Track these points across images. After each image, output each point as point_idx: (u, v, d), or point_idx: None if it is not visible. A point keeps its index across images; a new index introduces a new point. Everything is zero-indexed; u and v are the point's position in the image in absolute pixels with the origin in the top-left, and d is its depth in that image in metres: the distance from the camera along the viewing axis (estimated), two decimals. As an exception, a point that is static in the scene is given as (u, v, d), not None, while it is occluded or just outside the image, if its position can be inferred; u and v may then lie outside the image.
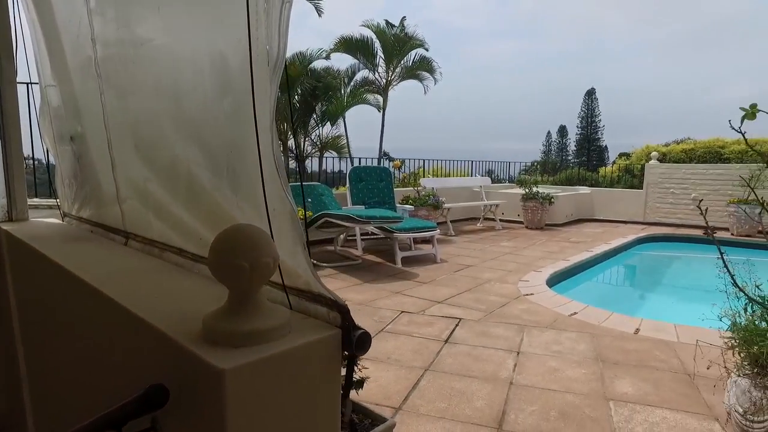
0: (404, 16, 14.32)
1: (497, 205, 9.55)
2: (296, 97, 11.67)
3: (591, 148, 62.53)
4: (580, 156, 62.82)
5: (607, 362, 3.26)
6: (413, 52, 14.42)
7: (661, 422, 2.52)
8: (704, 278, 2.12)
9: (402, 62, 14.45)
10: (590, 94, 63.22)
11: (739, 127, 1.92)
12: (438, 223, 8.71)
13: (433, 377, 2.98)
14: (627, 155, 16.81)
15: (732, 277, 2.06)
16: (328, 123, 12.79)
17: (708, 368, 2.60)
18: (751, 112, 1.92)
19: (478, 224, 9.85)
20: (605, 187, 12.47)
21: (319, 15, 12.24)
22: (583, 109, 63.95)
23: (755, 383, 1.88)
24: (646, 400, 2.76)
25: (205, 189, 1.41)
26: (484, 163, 14.43)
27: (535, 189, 9.44)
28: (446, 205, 8.42)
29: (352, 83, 14.35)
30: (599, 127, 62.91)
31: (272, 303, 1.29)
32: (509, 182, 12.96)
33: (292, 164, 12.32)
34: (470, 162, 13.54)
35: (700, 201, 2.47)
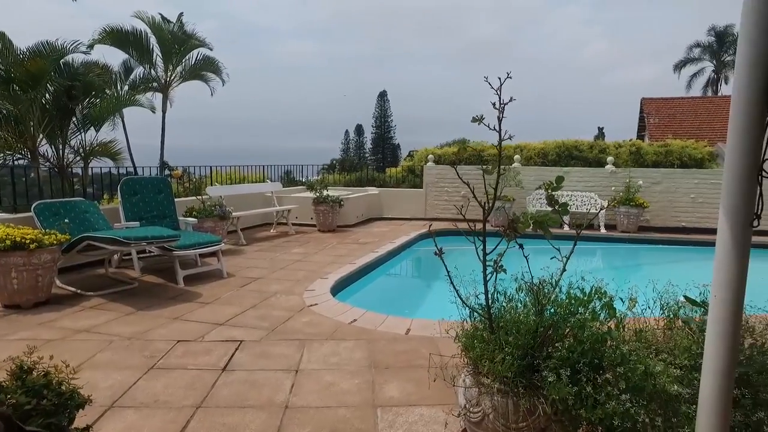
0: (181, 12, 13.06)
1: (289, 211, 9.60)
2: (47, 97, 9.89)
3: (385, 146, 67.35)
4: (376, 153, 67.23)
5: (379, 368, 3.50)
6: (196, 52, 13.52)
7: (419, 420, 2.79)
8: (471, 269, 2.40)
9: (184, 61, 13.44)
10: (382, 95, 67.82)
11: (454, 159, 2.22)
12: (229, 232, 8.40)
13: (204, 415, 2.82)
14: (412, 155, 18.43)
15: (456, 290, 2.36)
16: (101, 126, 11.10)
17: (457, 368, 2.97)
18: (463, 147, 2.23)
19: (272, 230, 9.76)
20: (392, 186, 13.50)
21: (75, -1, 10.56)
22: (377, 109, 68.37)
23: (474, 381, 2.19)
24: (409, 400, 3.03)
25: None
26: (279, 166, 14.23)
27: (325, 192, 9.73)
28: (235, 214, 8.14)
29: (129, 81, 12.80)
30: (392, 127, 67.97)
31: None
32: (306, 184, 13.12)
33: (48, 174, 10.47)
34: (267, 166, 13.19)
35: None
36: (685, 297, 2.22)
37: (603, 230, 10.41)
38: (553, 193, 2.24)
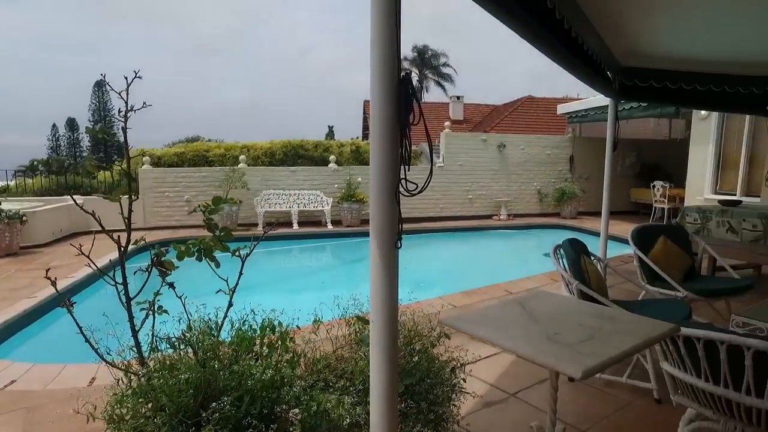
0: None
1: (-59, 234, 7.24)
2: None
3: (108, 144, 59.26)
4: (98, 151, 58.68)
5: (38, 444, 2.69)
6: None
7: None
8: (200, 285, 2.13)
9: None
10: (100, 85, 59.44)
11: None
12: None
13: None
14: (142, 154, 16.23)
15: (96, 350, 1.86)
16: None
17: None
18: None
19: None
20: (104, 193, 11.61)
21: None
22: (94, 101, 59.78)
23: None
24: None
25: None
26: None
27: (-1, 207, 7.66)
28: None
29: None
30: (114, 122, 60.13)
31: None
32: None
33: None
34: None
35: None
36: (357, 317, 2.18)
37: (330, 226, 10.89)
38: (210, 215, 1.92)
